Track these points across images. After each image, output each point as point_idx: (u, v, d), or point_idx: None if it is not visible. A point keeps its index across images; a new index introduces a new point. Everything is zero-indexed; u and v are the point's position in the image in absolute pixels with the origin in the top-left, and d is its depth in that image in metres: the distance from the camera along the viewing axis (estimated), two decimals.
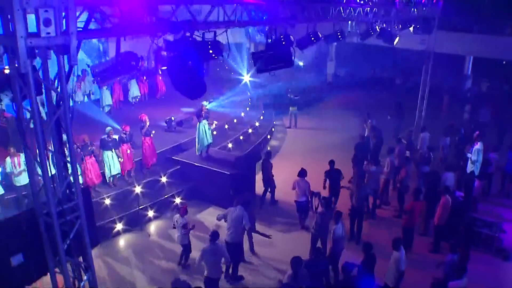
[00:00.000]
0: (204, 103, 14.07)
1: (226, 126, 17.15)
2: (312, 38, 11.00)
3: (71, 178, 4.61)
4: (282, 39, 8.86)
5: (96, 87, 17.36)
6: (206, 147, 13.74)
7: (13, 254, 4.33)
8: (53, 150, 4.62)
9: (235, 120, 17.90)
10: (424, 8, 13.53)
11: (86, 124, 14.18)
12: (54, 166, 4.61)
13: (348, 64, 26.77)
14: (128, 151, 12.73)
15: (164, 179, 13.31)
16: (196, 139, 13.66)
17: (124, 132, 12.78)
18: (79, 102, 16.46)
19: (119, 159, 12.46)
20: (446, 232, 10.62)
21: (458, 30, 20.86)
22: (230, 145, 15.84)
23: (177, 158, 14.00)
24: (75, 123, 12.86)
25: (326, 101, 24.17)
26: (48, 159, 4.21)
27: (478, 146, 11.94)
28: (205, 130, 13.47)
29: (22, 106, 4.11)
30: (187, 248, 10.27)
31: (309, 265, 8.14)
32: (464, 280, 8.02)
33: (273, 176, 13.35)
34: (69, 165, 4.64)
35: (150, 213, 12.47)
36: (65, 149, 4.80)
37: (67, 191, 4.75)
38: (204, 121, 13.45)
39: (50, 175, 4.26)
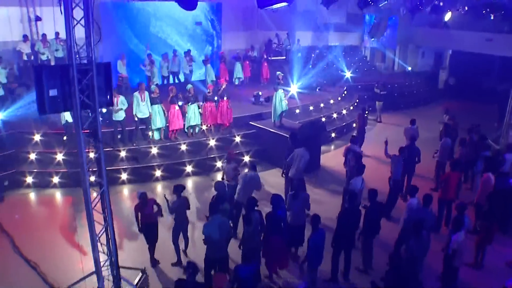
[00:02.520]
0: (278, 73, 15.28)
1: (311, 108, 18.04)
2: None
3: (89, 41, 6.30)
4: None
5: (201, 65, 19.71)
6: (280, 115, 14.88)
7: (51, 88, 6.13)
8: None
9: (322, 104, 18.71)
10: None
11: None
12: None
13: (462, 73, 25.77)
14: (210, 108, 14.47)
15: (238, 139, 14.80)
16: (272, 107, 14.95)
17: (209, 91, 14.59)
18: (182, 79, 18.79)
19: (200, 110, 14.26)
20: (487, 214, 9.88)
21: None
22: None
23: (253, 123, 15.44)
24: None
25: (430, 105, 23.70)
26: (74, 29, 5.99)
27: None
28: (280, 98, 14.65)
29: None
30: None
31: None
32: (462, 232, 7.96)
33: (365, 126, 15.53)
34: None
35: (219, 164, 14.01)
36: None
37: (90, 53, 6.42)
38: (280, 90, 14.64)
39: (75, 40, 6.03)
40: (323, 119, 17.21)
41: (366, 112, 16.24)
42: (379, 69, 27.91)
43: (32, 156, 12.99)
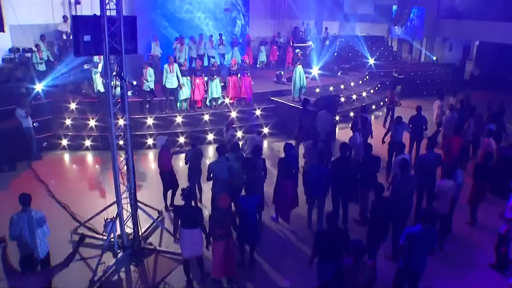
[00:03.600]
0: (298, 50, 16.01)
1: (331, 88, 18.62)
2: None
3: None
4: None
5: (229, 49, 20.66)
6: (299, 90, 15.60)
7: (86, 34, 7.05)
8: None
9: (342, 86, 19.28)
10: None
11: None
12: None
13: (489, 64, 25.72)
14: (233, 82, 15.34)
15: (258, 112, 15.62)
16: (292, 83, 15.70)
17: (232, 65, 15.50)
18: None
19: (221, 84, 15.16)
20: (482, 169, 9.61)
21: None
22: None
23: (273, 98, 16.24)
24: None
25: (453, 93, 23.76)
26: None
27: None
28: (299, 74, 15.39)
29: None
30: None
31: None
32: (450, 181, 8.33)
33: (395, 102, 16.58)
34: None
35: (239, 134, 14.81)
36: None
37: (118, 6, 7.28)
38: (299, 66, 15.39)
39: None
40: (342, 99, 17.77)
41: (394, 90, 16.94)
42: (405, 60, 28.13)
43: (68, 121, 14.22)
